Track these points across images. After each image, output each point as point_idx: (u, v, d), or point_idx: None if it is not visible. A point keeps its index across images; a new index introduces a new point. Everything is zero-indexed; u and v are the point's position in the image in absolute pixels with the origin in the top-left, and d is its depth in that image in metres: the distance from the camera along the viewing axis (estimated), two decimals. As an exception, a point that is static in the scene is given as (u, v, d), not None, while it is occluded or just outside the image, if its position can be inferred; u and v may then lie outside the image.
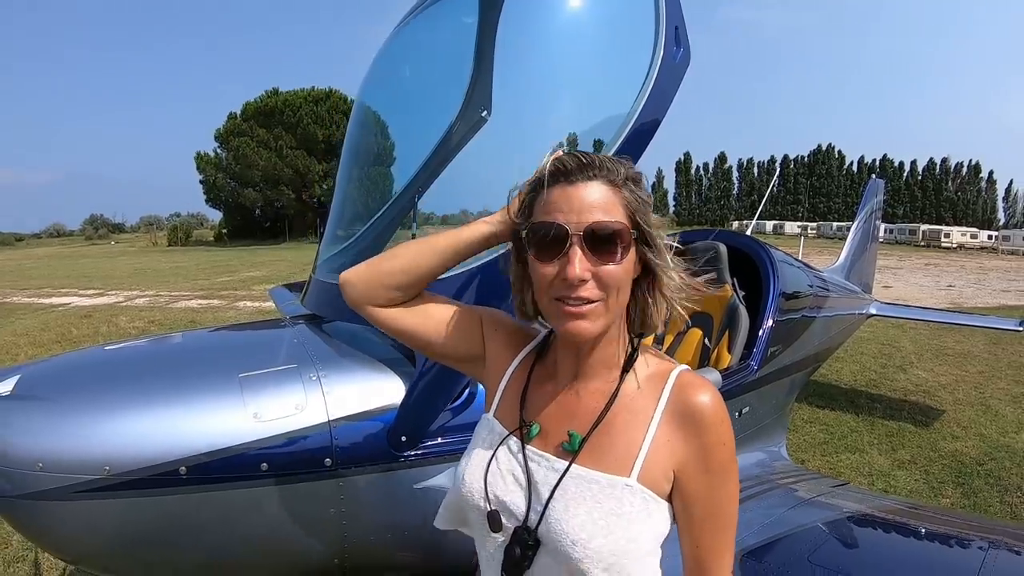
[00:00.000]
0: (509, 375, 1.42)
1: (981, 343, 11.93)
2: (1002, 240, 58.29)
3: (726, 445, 1.24)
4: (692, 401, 1.23)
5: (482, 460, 1.34)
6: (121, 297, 19.24)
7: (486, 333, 1.47)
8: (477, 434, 1.42)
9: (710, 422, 1.22)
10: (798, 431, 7.03)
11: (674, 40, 2.54)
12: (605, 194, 1.19)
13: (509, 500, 1.27)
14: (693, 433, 1.22)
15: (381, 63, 3.45)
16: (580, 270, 1.15)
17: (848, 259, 8.58)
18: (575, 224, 1.17)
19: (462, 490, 1.34)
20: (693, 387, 1.26)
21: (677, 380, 1.27)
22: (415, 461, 2.38)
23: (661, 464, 1.22)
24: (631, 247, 1.20)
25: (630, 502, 1.19)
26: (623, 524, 1.18)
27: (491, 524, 1.27)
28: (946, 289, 23.19)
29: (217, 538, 2.30)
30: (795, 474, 3.92)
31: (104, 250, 57.41)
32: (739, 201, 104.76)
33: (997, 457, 6.45)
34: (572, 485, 1.22)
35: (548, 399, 1.34)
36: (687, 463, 1.22)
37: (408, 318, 1.47)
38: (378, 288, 1.45)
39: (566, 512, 1.20)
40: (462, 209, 3.16)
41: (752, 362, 3.92)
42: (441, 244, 1.43)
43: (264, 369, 2.36)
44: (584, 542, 1.16)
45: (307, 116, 59.37)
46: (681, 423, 1.23)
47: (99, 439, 2.12)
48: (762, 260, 4.56)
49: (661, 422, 1.24)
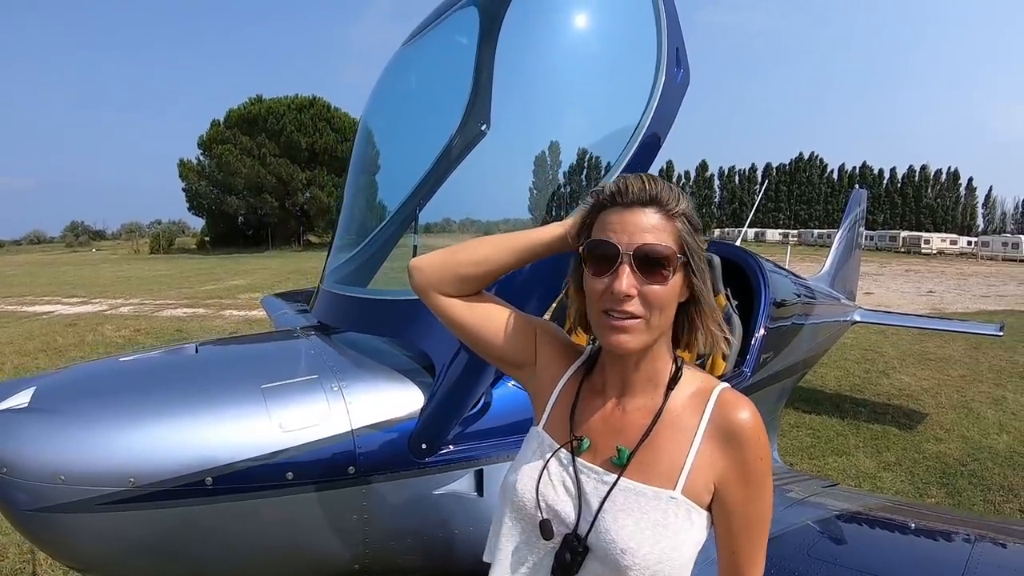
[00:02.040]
0: (559, 390, 1.49)
1: (962, 347, 12.14)
2: (981, 246, 58.80)
3: (763, 459, 1.31)
4: (733, 418, 1.31)
5: (534, 471, 1.41)
6: (105, 305, 19.12)
7: (539, 344, 1.54)
8: (527, 446, 1.49)
9: (749, 438, 1.30)
10: (785, 435, 7.14)
11: (675, 61, 2.63)
12: (659, 221, 1.28)
13: (560, 509, 1.34)
14: (733, 448, 1.30)
15: (386, 80, 3.54)
16: (627, 286, 1.24)
17: (833, 267, 8.71)
18: (626, 244, 1.26)
19: (514, 500, 1.41)
20: (733, 405, 1.33)
21: (719, 398, 1.34)
22: (435, 468, 2.43)
23: (703, 477, 1.30)
24: (677, 271, 1.29)
25: (675, 513, 1.27)
26: (668, 534, 1.26)
27: (543, 532, 1.34)
28: (927, 295, 23.45)
29: (241, 547, 2.32)
30: (787, 476, 4.02)
31: (85, 257, 56.96)
32: (720, 209, 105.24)
33: (980, 458, 6.61)
34: (621, 497, 1.30)
35: (596, 414, 1.41)
36: (727, 476, 1.30)
37: (467, 312, 1.54)
38: (448, 277, 1.52)
39: (615, 522, 1.27)
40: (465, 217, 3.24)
41: (745, 369, 4.03)
42: (518, 243, 1.51)
43: (286, 380, 2.40)
44: (633, 551, 1.24)
45: (291, 124, 59.36)
46: (722, 439, 1.31)
47: (123, 450, 2.12)
48: (753, 270, 4.65)
49: (704, 438, 1.31)
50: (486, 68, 2.78)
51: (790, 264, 6.89)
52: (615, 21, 2.95)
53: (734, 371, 4.00)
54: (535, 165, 2.99)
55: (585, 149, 2.87)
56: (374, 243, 3.20)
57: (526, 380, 1.58)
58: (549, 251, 1.52)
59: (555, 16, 2.89)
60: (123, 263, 44.50)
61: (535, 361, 1.55)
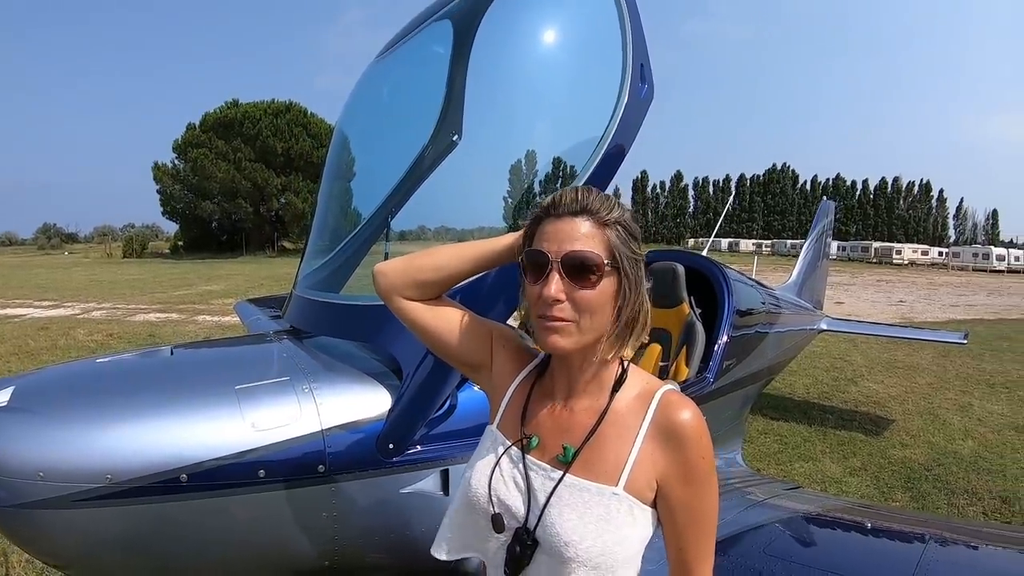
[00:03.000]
0: (512, 390, 1.56)
1: (930, 356, 12.34)
2: (952, 256, 59.77)
3: (704, 459, 1.35)
4: (674, 418, 1.36)
5: (487, 467, 1.47)
6: (78, 309, 18.90)
7: (495, 347, 1.61)
8: (482, 444, 1.55)
9: (690, 437, 1.34)
10: (753, 442, 7.24)
11: (640, 76, 2.73)
12: (589, 230, 1.34)
13: (511, 504, 1.41)
14: (675, 447, 1.35)
15: (360, 91, 3.60)
16: (555, 291, 1.31)
17: (800, 276, 8.84)
18: (555, 252, 1.32)
19: (469, 495, 1.47)
20: (675, 406, 1.38)
21: (662, 399, 1.39)
22: (402, 467, 2.49)
23: (645, 475, 1.35)
24: (607, 277, 1.34)
25: (617, 509, 1.33)
26: (611, 528, 1.32)
27: (495, 525, 1.40)
28: (897, 304, 23.75)
29: (214, 543, 2.37)
30: (751, 479, 4.12)
31: (57, 260, 56.10)
32: (695, 219, 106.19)
33: (944, 463, 6.73)
34: (566, 492, 1.36)
35: (546, 414, 1.48)
36: (669, 474, 1.35)
37: (428, 315, 1.61)
38: (408, 281, 1.59)
39: (560, 516, 1.34)
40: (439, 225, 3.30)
41: (708, 375, 4.12)
42: (474, 252, 1.59)
43: (259, 381, 2.45)
44: (576, 543, 1.30)
45: (266, 128, 58.85)
46: (664, 438, 1.36)
47: (101, 448, 2.15)
48: (717, 279, 4.75)
49: (646, 437, 1.36)
50: (458, 79, 2.83)
51: (762, 274, 7.00)
52: (583, 36, 3.03)
53: (697, 377, 4.09)
54: (504, 174, 3.05)
55: (550, 160, 2.94)
56: (346, 250, 3.25)
57: (483, 381, 1.65)
58: (500, 260, 1.59)
59: (525, 31, 2.96)
60: (96, 266, 43.93)
61: (491, 364, 1.61)
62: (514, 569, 1.39)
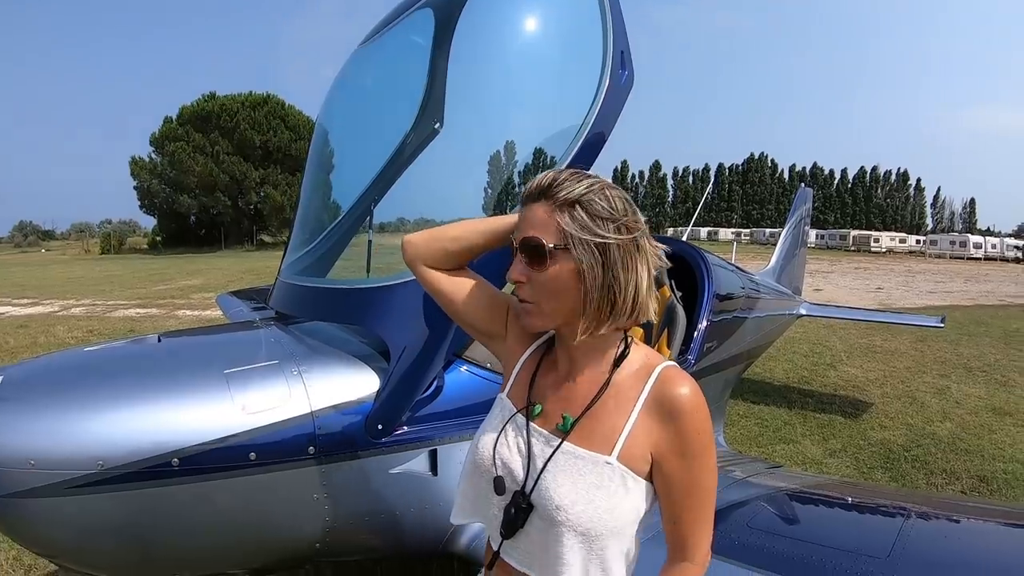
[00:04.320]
0: (523, 361, 1.62)
1: (908, 341, 12.49)
2: (929, 244, 60.31)
3: (701, 433, 1.38)
4: (671, 392, 1.39)
5: (493, 432, 1.54)
6: (56, 307, 18.67)
7: (510, 319, 1.67)
8: (492, 411, 1.62)
9: (686, 411, 1.37)
10: (734, 425, 7.33)
11: (620, 63, 2.77)
12: (544, 213, 1.38)
13: (513, 468, 1.47)
14: (671, 420, 1.38)
15: (342, 81, 3.62)
16: (515, 274, 1.41)
17: (779, 263, 8.90)
18: (518, 238, 1.42)
19: (475, 458, 1.55)
20: (674, 380, 1.41)
21: (660, 374, 1.42)
22: (390, 448, 2.53)
23: (640, 447, 1.39)
24: (559, 260, 1.37)
25: (609, 477, 1.37)
26: (602, 495, 1.36)
27: (496, 487, 1.47)
28: (875, 291, 23.97)
29: (206, 527, 2.38)
30: (732, 458, 4.18)
31: (34, 258, 55.55)
32: (674, 208, 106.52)
33: (923, 444, 6.83)
34: (562, 459, 1.41)
35: (551, 385, 1.53)
36: (665, 448, 1.38)
37: (448, 284, 1.69)
38: (430, 251, 1.68)
39: (554, 481, 1.39)
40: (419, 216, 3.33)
41: (690, 357, 4.18)
42: (484, 225, 1.66)
43: (248, 365, 2.48)
44: (567, 508, 1.35)
45: (244, 121, 58.43)
46: (660, 411, 1.39)
47: (92, 434, 2.17)
48: (697, 264, 4.80)
49: (642, 409, 1.40)
50: (440, 68, 2.87)
51: (741, 262, 7.06)
52: (564, 24, 3.06)
53: (678, 359, 4.10)
54: (485, 163, 3.09)
55: (532, 147, 2.97)
56: (331, 237, 3.28)
57: (498, 350, 1.72)
58: (507, 237, 1.63)
59: (507, 19, 3.00)
60: (73, 263, 43.46)
61: (505, 334, 1.68)
62: (509, 530, 1.44)
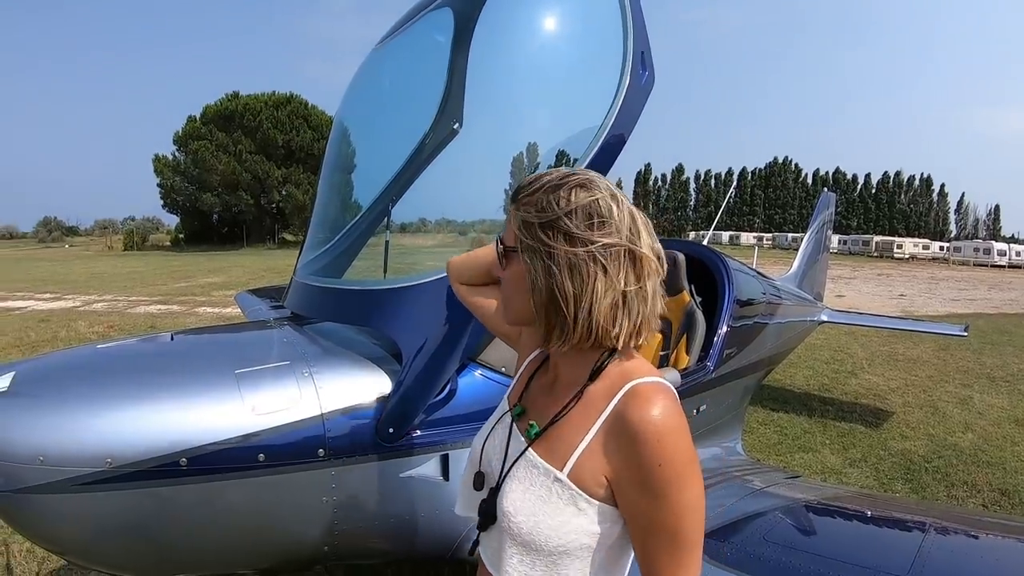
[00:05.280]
0: (527, 363, 1.62)
1: (930, 349, 12.31)
2: (953, 251, 59.68)
3: (665, 466, 1.18)
4: (632, 414, 1.22)
5: (487, 428, 1.55)
6: (78, 302, 18.87)
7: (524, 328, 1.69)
8: (496, 410, 1.62)
9: (646, 438, 1.19)
10: (753, 432, 7.25)
11: (641, 63, 2.73)
12: (512, 215, 1.38)
13: (494, 466, 1.45)
14: (628, 446, 1.22)
15: (361, 78, 3.60)
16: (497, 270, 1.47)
17: (800, 268, 8.82)
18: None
19: (471, 452, 1.56)
20: (640, 399, 1.24)
21: (629, 390, 1.27)
22: (401, 452, 2.51)
23: (591, 468, 1.27)
24: (513, 262, 1.38)
25: (558, 493, 1.29)
26: (547, 511, 1.29)
27: (475, 483, 1.47)
28: (897, 298, 23.71)
29: (214, 527, 2.37)
30: (750, 467, 4.12)
31: (58, 253, 56.21)
32: (696, 212, 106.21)
33: (944, 455, 6.71)
34: (522, 466, 1.37)
35: (540, 390, 1.50)
36: (621, 475, 1.24)
37: (476, 298, 1.83)
38: (460, 271, 1.86)
39: (509, 487, 1.36)
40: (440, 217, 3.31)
41: (709, 363, 4.11)
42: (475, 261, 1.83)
43: (259, 366, 2.46)
44: (511, 515, 1.32)
45: (267, 120, 58.99)
46: (617, 434, 1.25)
47: (101, 432, 2.17)
48: (718, 268, 4.76)
49: (600, 429, 1.27)
50: (459, 68, 2.86)
51: (762, 267, 7.01)
52: (584, 24, 3.04)
53: (698, 365, 4.09)
54: (505, 163, 3.06)
55: (551, 148, 2.94)
56: (348, 237, 3.27)
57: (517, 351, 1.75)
58: None
59: (527, 18, 2.98)
60: (96, 259, 43.95)
61: (519, 339, 1.71)
62: (481, 526, 1.44)
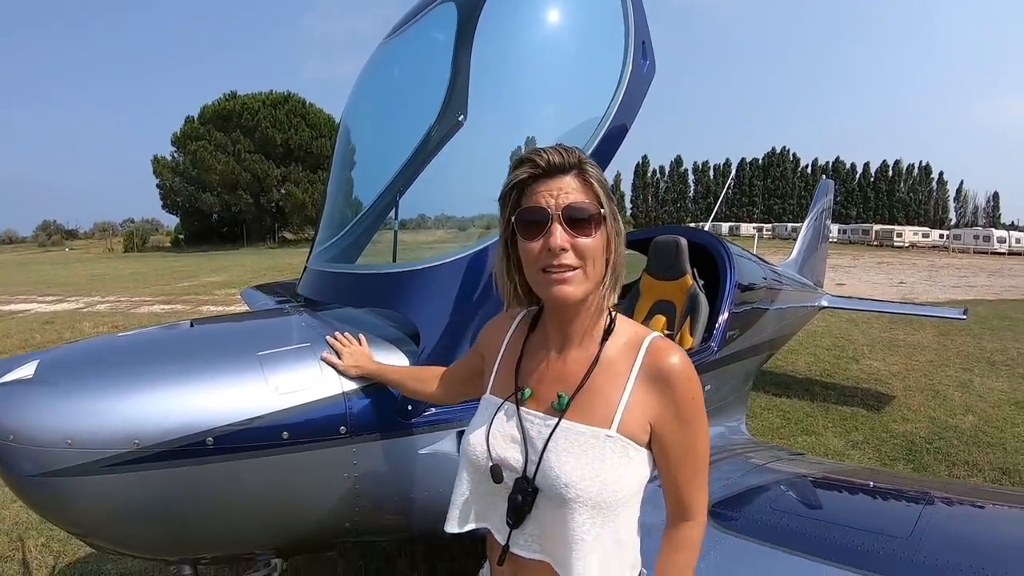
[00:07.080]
0: (501, 354, 1.67)
1: (931, 335, 12.39)
2: (953, 239, 59.57)
3: (694, 399, 1.44)
4: (663, 363, 1.44)
5: (483, 427, 1.57)
6: (82, 303, 18.93)
7: (482, 348, 1.79)
8: (477, 413, 1.65)
9: (679, 380, 1.43)
10: (756, 417, 7.33)
11: (642, 53, 2.81)
12: (579, 185, 1.43)
13: (508, 456, 1.49)
14: (665, 389, 1.43)
15: (367, 75, 3.68)
16: (561, 240, 1.39)
17: (800, 255, 8.89)
18: (555, 206, 1.41)
19: (468, 456, 1.57)
20: (663, 351, 1.46)
21: (650, 345, 1.47)
22: (420, 428, 2.58)
23: (637, 418, 1.43)
24: (600, 226, 1.43)
25: (612, 450, 1.40)
26: (608, 468, 1.39)
27: (493, 476, 1.49)
28: (898, 285, 23.78)
29: (239, 506, 2.41)
30: (755, 446, 4.21)
31: (59, 256, 56.34)
32: (695, 203, 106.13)
33: (945, 436, 6.79)
34: (562, 437, 1.44)
35: (539, 366, 1.56)
36: (661, 415, 1.43)
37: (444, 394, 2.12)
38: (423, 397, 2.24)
39: (558, 460, 1.41)
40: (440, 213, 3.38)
41: (712, 344, 4.20)
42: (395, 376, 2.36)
43: (281, 347, 2.52)
44: (575, 483, 1.38)
45: (265, 120, 58.96)
46: (653, 381, 1.44)
47: (127, 414, 2.20)
48: (719, 254, 4.85)
49: (636, 381, 1.44)
50: (463, 61, 2.91)
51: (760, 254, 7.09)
52: (586, 15, 3.10)
53: (701, 346, 4.18)
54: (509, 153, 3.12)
55: (555, 138, 3.00)
56: (359, 226, 3.34)
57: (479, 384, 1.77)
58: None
59: (529, 11, 3.05)
60: (97, 262, 43.99)
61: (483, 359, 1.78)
62: (516, 518, 1.47)
